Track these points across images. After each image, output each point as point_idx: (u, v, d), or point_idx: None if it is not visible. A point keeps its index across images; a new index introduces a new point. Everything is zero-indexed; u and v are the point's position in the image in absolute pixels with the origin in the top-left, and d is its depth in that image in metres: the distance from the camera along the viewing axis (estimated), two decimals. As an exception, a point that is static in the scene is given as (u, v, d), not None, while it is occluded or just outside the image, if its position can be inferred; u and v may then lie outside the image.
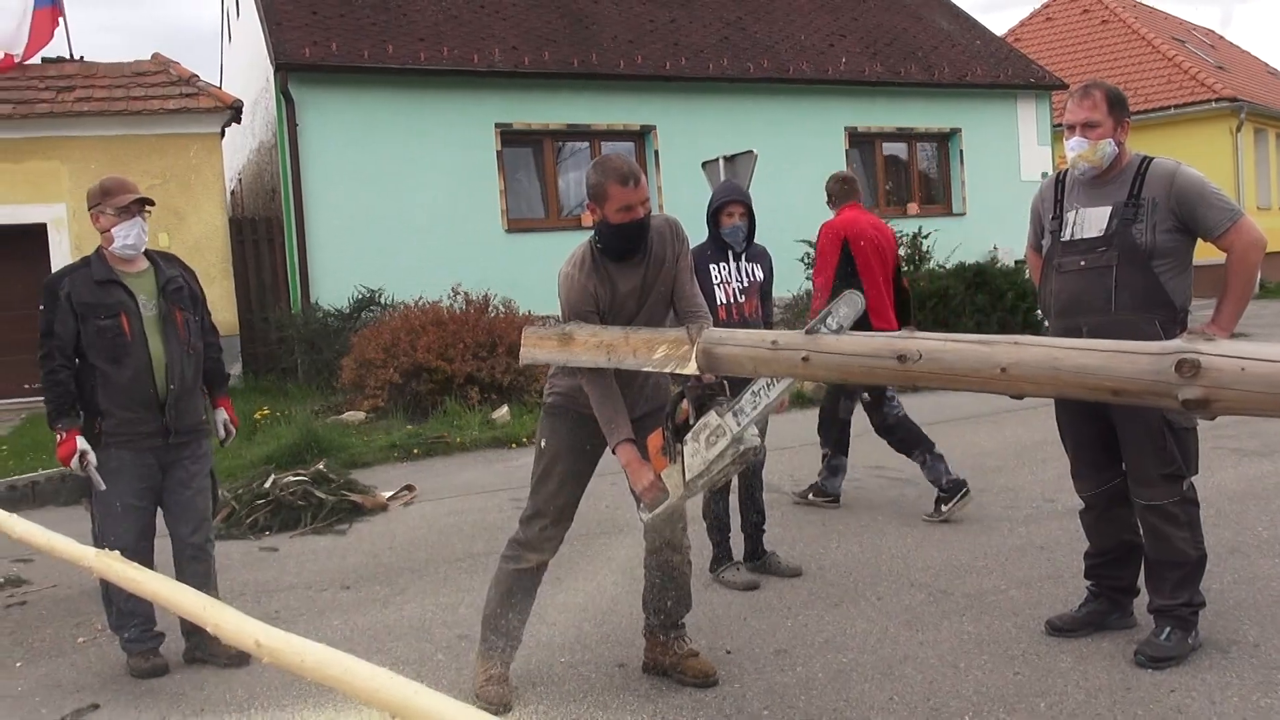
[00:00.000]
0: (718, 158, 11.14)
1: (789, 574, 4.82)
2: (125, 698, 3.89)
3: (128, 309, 4.09)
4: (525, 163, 14.65)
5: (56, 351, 4.08)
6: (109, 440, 4.08)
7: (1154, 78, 22.99)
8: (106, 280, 4.11)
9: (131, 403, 4.08)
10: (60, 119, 12.03)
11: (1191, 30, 29.27)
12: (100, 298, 4.08)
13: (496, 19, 14.66)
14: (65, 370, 4.09)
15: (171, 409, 4.13)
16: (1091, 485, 3.88)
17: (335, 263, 12.91)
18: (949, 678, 3.55)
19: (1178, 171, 3.63)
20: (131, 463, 4.09)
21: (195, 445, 4.28)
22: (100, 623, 4.79)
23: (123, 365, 4.06)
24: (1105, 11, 25.71)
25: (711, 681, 3.60)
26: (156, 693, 3.92)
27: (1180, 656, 3.53)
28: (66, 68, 13.01)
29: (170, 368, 4.13)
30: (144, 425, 4.10)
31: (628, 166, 3.41)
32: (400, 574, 5.34)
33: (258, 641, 3.24)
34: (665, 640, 3.71)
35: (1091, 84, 3.78)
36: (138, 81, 12.72)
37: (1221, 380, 2.16)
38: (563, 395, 3.62)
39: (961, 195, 17.36)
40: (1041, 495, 5.92)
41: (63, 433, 4.07)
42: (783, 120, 15.57)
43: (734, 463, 3.13)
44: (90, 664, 4.30)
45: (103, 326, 4.04)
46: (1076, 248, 3.74)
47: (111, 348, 4.05)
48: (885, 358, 2.71)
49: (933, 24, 18.41)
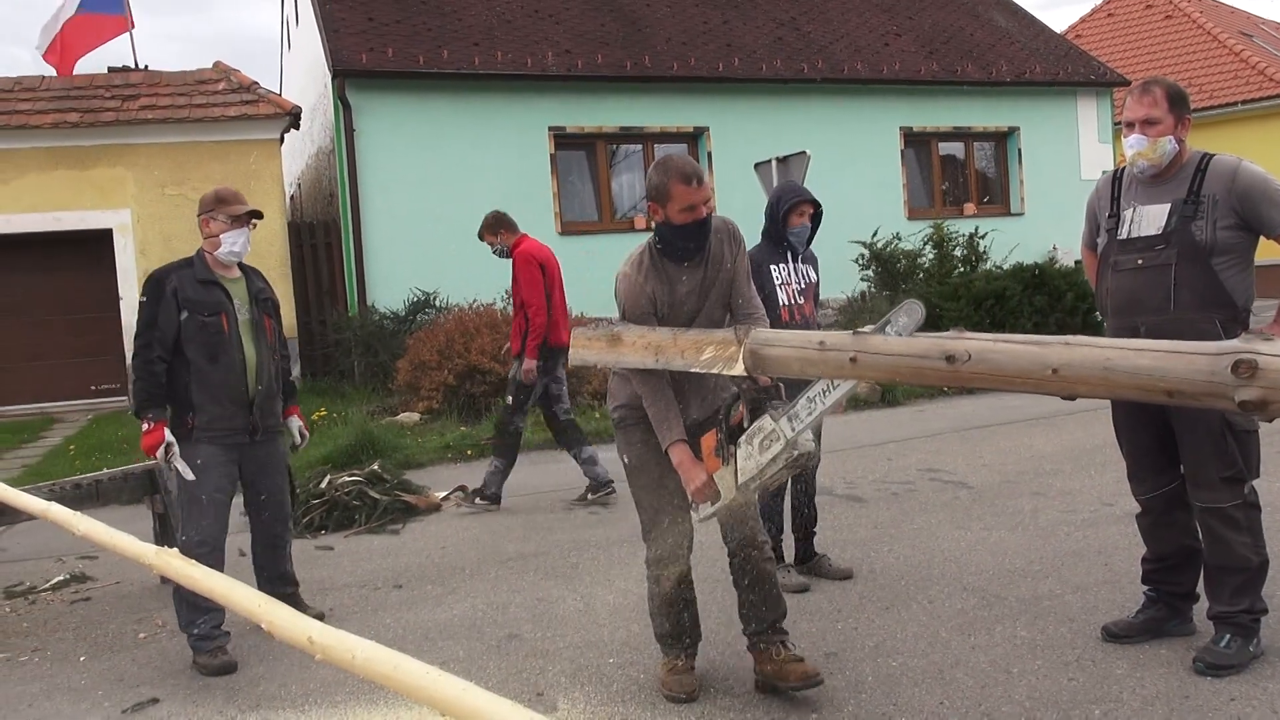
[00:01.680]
0: (770, 159, 11.09)
1: (840, 576, 4.79)
2: (184, 692, 3.97)
3: (227, 310, 4.37)
4: (578, 166, 14.72)
5: (157, 343, 4.29)
6: (200, 435, 4.31)
7: (1220, 73, 22.44)
8: (209, 281, 4.38)
9: (224, 399, 4.33)
10: (125, 127, 12.32)
11: (1259, 24, 28.55)
12: (204, 295, 4.34)
13: (549, 22, 14.75)
14: (162, 363, 4.30)
15: (259, 408, 4.42)
16: (1149, 488, 3.80)
17: (391, 266, 13.08)
18: (1001, 683, 3.51)
19: (1240, 167, 3.56)
20: (219, 458, 4.33)
21: (274, 444, 4.58)
22: (161, 618, 4.92)
23: (218, 363, 4.31)
24: (1169, 6, 25.16)
25: (815, 682, 3.45)
26: (213, 688, 4.00)
27: (1240, 665, 3.45)
28: (131, 77, 13.32)
29: (260, 369, 4.42)
30: (233, 421, 4.36)
31: (690, 166, 3.41)
32: (452, 574, 5.40)
33: (310, 638, 3.30)
34: (766, 648, 3.56)
35: (1152, 80, 3.72)
36: (199, 89, 12.99)
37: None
38: (626, 407, 3.61)
39: (1020, 195, 17.11)
40: (1099, 499, 5.82)
41: (151, 422, 4.26)
42: (837, 121, 15.47)
43: (787, 467, 3.11)
44: (151, 659, 4.40)
45: (205, 323, 4.30)
46: (1134, 246, 3.67)
47: (211, 344, 4.30)
48: (934, 358, 2.67)
49: (990, 21, 18.18)
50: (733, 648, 3.98)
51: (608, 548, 5.66)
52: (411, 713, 3.58)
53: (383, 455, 8.39)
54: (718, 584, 4.41)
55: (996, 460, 7.28)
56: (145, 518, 5.62)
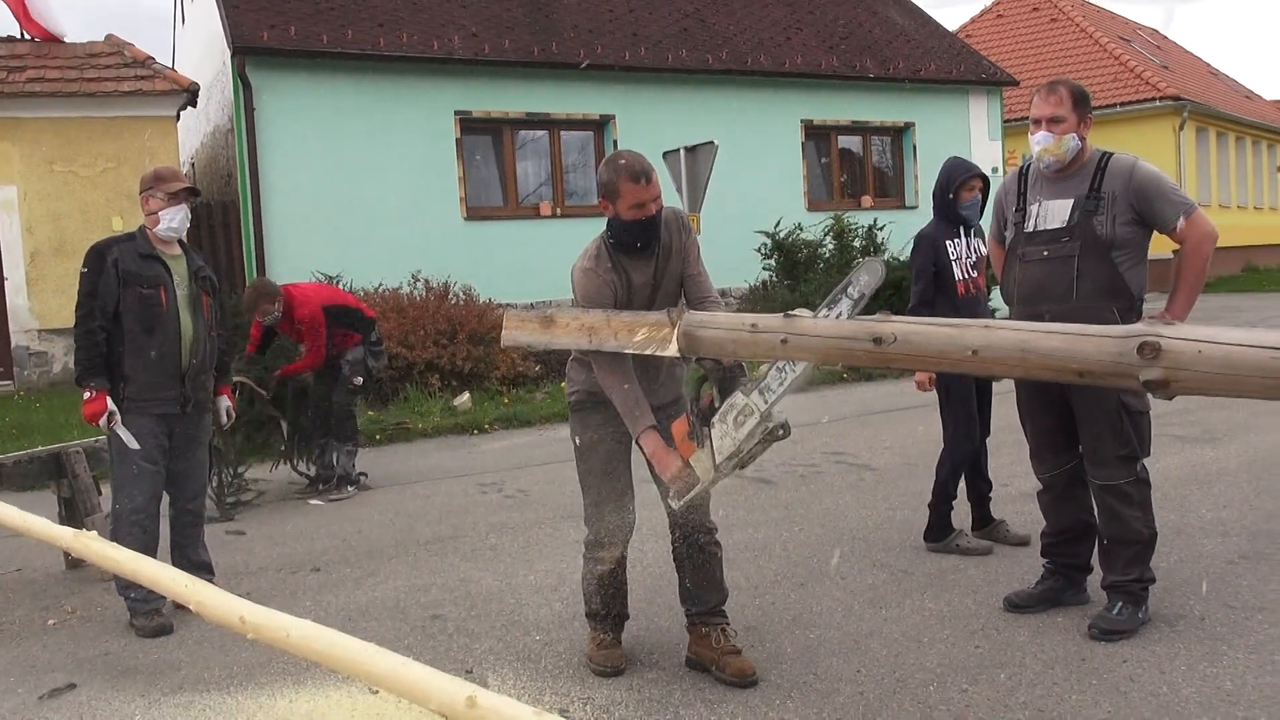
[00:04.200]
0: (679, 148, 11.22)
1: (1017, 542, 4.82)
2: (101, 677, 3.89)
3: (166, 284, 4.43)
4: (484, 151, 14.62)
5: (98, 311, 4.35)
6: (130, 405, 4.38)
7: (1101, 76, 23.43)
8: (150, 255, 4.45)
9: (157, 370, 4.39)
10: (11, 100, 11.79)
11: (1137, 30, 29.87)
12: (144, 269, 4.40)
13: (456, 6, 14.59)
14: (103, 332, 4.36)
15: (191, 381, 4.48)
16: (1050, 467, 4.03)
17: (293, 248, 12.80)
18: (913, 651, 3.68)
19: (1136, 166, 3.78)
20: (150, 428, 4.39)
21: (202, 420, 4.64)
22: (70, 605, 4.80)
23: (154, 335, 4.38)
24: (1054, 10, 26.15)
25: (750, 681, 3.46)
26: (133, 673, 3.93)
27: (1132, 630, 3.68)
28: (18, 47, 12.73)
29: (195, 343, 4.49)
30: (165, 393, 4.42)
31: (640, 164, 3.42)
32: (370, 556, 5.38)
33: (242, 618, 3.28)
34: (707, 632, 3.59)
35: (1057, 81, 3.92)
36: (91, 63, 12.49)
37: (1180, 362, 2.27)
38: (583, 391, 3.64)
39: (915, 188, 17.59)
40: (996, 480, 6.04)
41: (93, 390, 4.32)
42: (740, 112, 15.68)
43: (763, 441, 3.09)
44: (63, 645, 4.29)
45: (144, 295, 4.37)
46: (1039, 238, 3.87)
47: (148, 316, 4.37)
48: (861, 340, 2.80)
49: (887, 18, 18.62)
50: (656, 624, 4.08)
51: (526, 530, 5.71)
52: (339, 691, 3.58)
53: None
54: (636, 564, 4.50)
55: (897, 443, 7.54)
56: (49, 503, 5.46)
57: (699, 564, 3.63)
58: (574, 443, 3.70)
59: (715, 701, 3.38)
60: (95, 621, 4.54)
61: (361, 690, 3.54)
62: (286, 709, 3.49)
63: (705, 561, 3.63)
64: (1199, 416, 7.62)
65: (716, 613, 3.65)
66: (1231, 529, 4.89)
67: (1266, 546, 4.59)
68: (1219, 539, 4.74)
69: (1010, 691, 3.31)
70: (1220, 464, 6.24)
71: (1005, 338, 2.58)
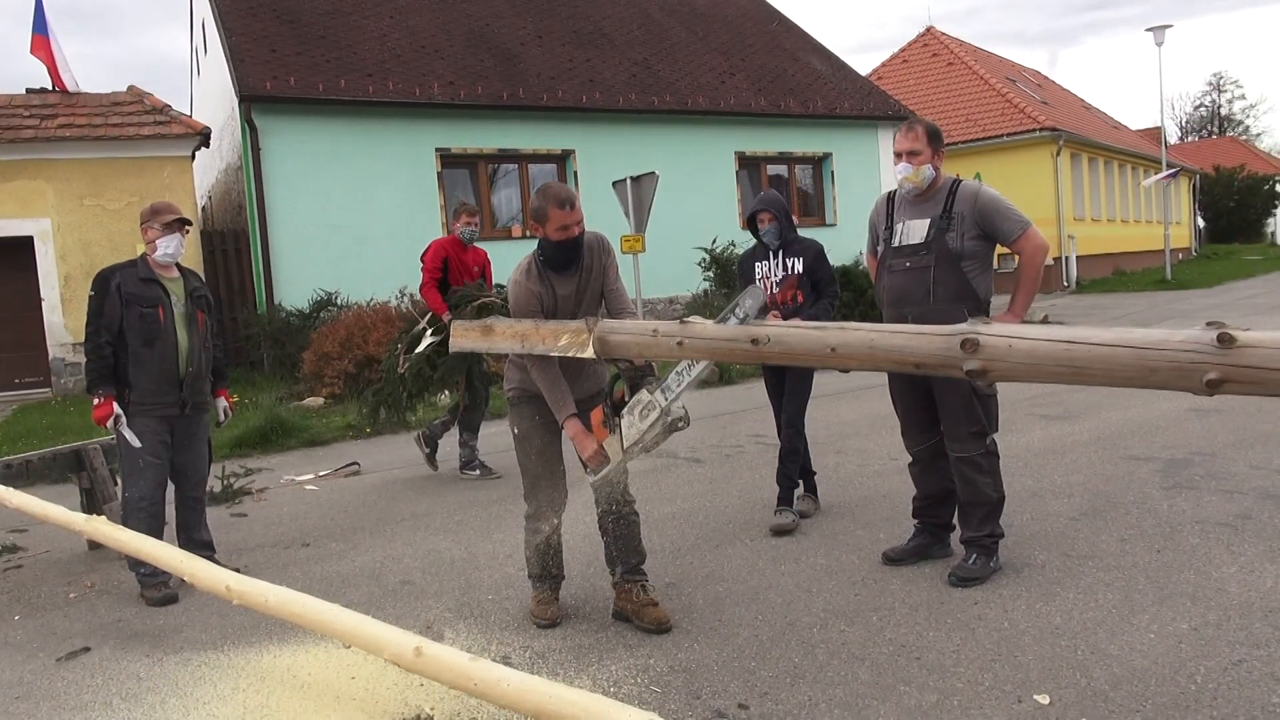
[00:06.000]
0: (626, 179, 11.28)
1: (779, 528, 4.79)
2: (113, 641, 3.90)
3: (164, 304, 4.46)
4: (463, 182, 14.62)
5: (104, 329, 4.38)
6: (135, 409, 4.41)
7: (990, 111, 23.78)
8: (149, 279, 4.48)
9: (158, 378, 4.42)
10: (44, 144, 11.68)
11: (1021, 71, 30.32)
12: (143, 291, 4.43)
13: (435, 57, 14.58)
14: (110, 346, 4.40)
15: (188, 386, 4.50)
16: (917, 443, 4.14)
17: (296, 269, 12.77)
18: (803, 599, 3.77)
19: (980, 190, 3.90)
20: (152, 428, 4.43)
21: (200, 419, 4.65)
22: (90, 580, 4.79)
23: (154, 347, 4.40)
24: (951, 55, 26.48)
25: (665, 628, 3.52)
26: (140, 636, 3.94)
27: (984, 577, 3.80)
28: (50, 97, 12.59)
29: (191, 353, 4.51)
30: (165, 398, 4.45)
31: (565, 193, 3.49)
32: (354, 532, 5.40)
33: (228, 586, 3.33)
34: (630, 588, 3.67)
35: (915, 120, 4.04)
36: (115, 110, 12.38)
37: (995, 354, 2.36)
38: (518, 388, 3.71)
39: (834, 209, 17.79)
40: (888, 455, 6.21)
41: (101, 397, 4.36)
42: (682, 146, 15.79)
43: (663, 432, 3.20)
44: (81, 615, 4.29)
45: (144, 314, 4.40)
46: (903, 252, 3.98)
47: (148, 332, 4.40)
48: (742, 341, 2.88)
49: (808, 65, 18.79)
50: (592, 584, 4.14)
51: (488, 506, 5.75)
52: (319, 647, 3.61)
53: (291, 435, 8.26)
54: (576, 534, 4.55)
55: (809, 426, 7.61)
56: (72, 494, 5.44)
57: (620, 531, 3.70)
58: (513, 432, 3.76)
59: (635, 645, 3.45)
60: (111, 594, 4.54)
61: (337, 646, 3.58)
62: (271, 663, 3.52)
63: (626, 528, 3.71)
64: (1060, 398, 7.80)
65: (637, 571, 3.72)
66: (1076, 491, 5.03)
67: (1103, 505, 4.73)
68: (1065, 499, 4.88)
69: (879, 630, 3.41)
70: (1074, 437, 6.40)
71: (857, 337, 2.67)
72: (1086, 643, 3.17)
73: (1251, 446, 5.74)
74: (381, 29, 14.80)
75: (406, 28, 15.06)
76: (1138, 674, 2.92)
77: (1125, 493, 4.93)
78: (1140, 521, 4.43)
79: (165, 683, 3.40)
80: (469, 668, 2.47)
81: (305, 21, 14.32)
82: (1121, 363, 2.12)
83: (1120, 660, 3.02)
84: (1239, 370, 1.94)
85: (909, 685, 2.96)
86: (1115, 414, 7.10)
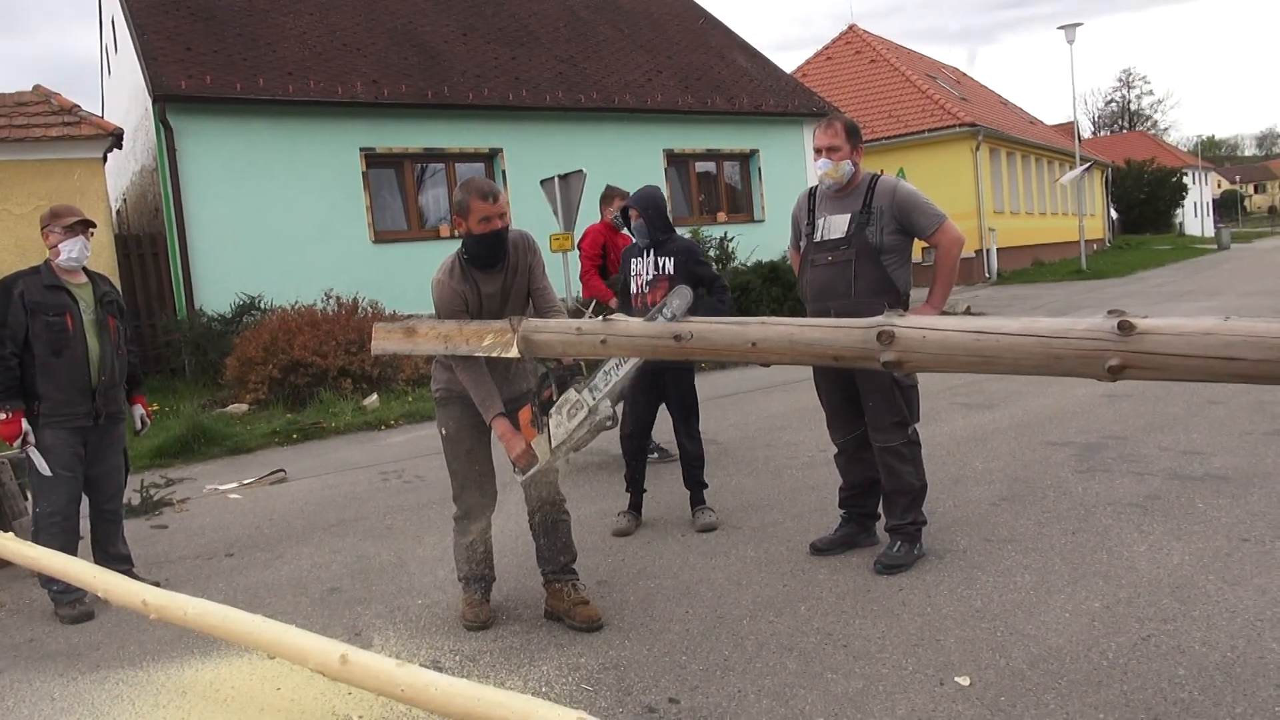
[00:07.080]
0: (554, 176, 11.23)
1: (619, 528, 4.86)
2: (25, 661, 3.75)
3: (71, 310, 4.28)
4: (389, 182, 14.38)
5: (8, 340, 4.18)
6: (45, 421, 4.24)
7: (911, 107, 24.29)
8: (54, 285, 4.29)
9: (68, 388, 4.24)
10: (-57, 145, 11.14)
11: (941, 68, 31.02)
12: (49, 299, 4.25)
13: (357, 55, 14.31)
14: (15, 358, 4.20)
15: (101, 396, 4.33)
16: (842, 434, 4.21)
17: (217, 273, 12.41)
18: (733, 593, 3.81)
19: (897, 186, 3.98)
20: (64, 440, 4.25)
21: (115, 429, 4.49)
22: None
23: (63, 356, 4.23)
24: (873, 53, 26.98)
25: (596, 626, 3.51)
26: (54, 655, 3.79)
27: (908, 564, 3.88)
28: (-52, 98, 12.02)
29: (102, 361, 4.34)
30: (77, 408, 4.28)
31: (488, 185, 3.46)
32: (280, 541, 5.28)
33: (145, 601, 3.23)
34: (560, 587, 3.65)
35: (834, 117, 4.10)
36: (20, 111, 11.85)
37: (909, 346, 2.42)
38: (444, 388, 3.66)
39: (761, 205, 17.96)
40: (816, 447, 6.29)
41: (9, 412, 4.17)
42: (610, 143, 15.76)
43: (591, 430, 3.19)
44: (-10, 636, 4.12)
45: (50, 322, 4.22)
46: (825, 246, 4.04)
47: (56, 341, 4.22)
48: (665, 338, 2.90)
49: (734, 62, 18.94)
50: (523, 584, 4.12)
51: (419, 510, 5.68)
52: (242, 659, 3.53)
53: (214, 443, 8.04)
54: (509, 534, 4.53)
55: (740, 420, 7.72)
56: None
57: (550, 530, 3.69)
58: (440, 433, 3.72)
59: (566, 645, 3.44)
60: (23, 614, 4.36)
61: (261, 657, 3.50)
62: (192, 677, 3.42)
63: (555, 528, 3.70)
64: (981, 386, 8.01)
65: (567, 570, 3.71)
66: (996, 477, 5.17)
67: (1021, 490, 4.88)
68: (986, 486, 5.02)
69: (807, 620, 3.46)
70: (995, 425, 6.58)
71: (778, 331, 2.70)
72: (1005, 624, 3.26)
73: (1160, 430, 5.97)
74: (301, 26, 14.47)
75: (327, 25, 14.76)
76: (1053, 652, 3.02)
77: (1042, 477, 5.08)
78: (1056, 504, 4.57)
79: (80, 703, 3.28)
80: (396, 674, 2.44)
81: (221, 19, 13.93)
82: (1029, 351, 2.19)
83: (1037, 640, 3.12)
84: (1139, 356, 2.01)
85: (836, 673, 3.01)
86: (1033, 401, 7.32)
